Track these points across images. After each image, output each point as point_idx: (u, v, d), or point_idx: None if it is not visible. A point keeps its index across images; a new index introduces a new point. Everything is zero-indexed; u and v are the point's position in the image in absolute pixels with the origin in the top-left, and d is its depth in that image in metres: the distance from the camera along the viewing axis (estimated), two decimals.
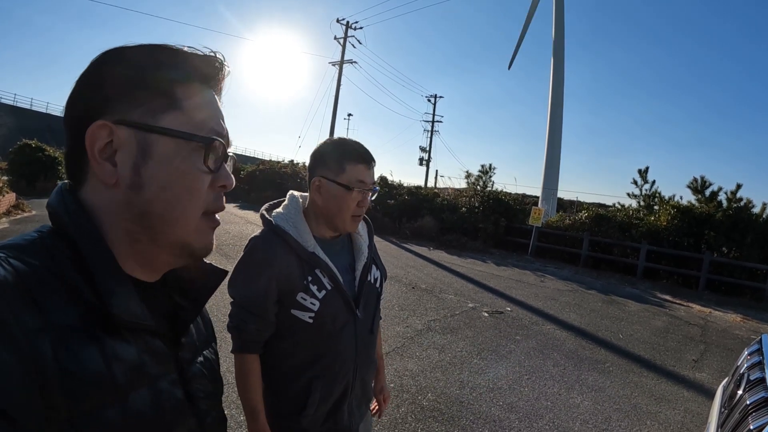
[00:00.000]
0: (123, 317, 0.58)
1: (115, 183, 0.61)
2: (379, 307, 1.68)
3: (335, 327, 1.47)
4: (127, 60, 0.62)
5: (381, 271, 1.70)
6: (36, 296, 0.51)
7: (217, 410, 0.78)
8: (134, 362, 0.59)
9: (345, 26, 31.91)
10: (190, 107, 0.65)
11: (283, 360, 1.48)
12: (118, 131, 0.61)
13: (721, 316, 9.06)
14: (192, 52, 0.67)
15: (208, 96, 0.68)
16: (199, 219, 0.66)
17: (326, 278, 1.45)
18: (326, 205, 1.46)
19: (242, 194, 23.79)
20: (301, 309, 1.43)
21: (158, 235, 0.64)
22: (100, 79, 0.62)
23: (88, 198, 0.63)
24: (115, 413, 0.54)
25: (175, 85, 0.64)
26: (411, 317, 6.38)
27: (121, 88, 0.62)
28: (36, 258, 0.55)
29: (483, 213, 16.37)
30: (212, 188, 0.67)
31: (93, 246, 0.59)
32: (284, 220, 1.47)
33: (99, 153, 0.60)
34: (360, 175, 1.44)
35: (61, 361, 0.50)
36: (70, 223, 0.60)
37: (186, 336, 0.73)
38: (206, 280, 0.76)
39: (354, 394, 1.56)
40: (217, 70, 0.70)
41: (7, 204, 11.88)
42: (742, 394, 2.15)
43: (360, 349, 1.54)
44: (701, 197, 14.04)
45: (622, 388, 4.74)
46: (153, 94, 0.62)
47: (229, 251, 9.24)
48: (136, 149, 0.61)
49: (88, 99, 0.62)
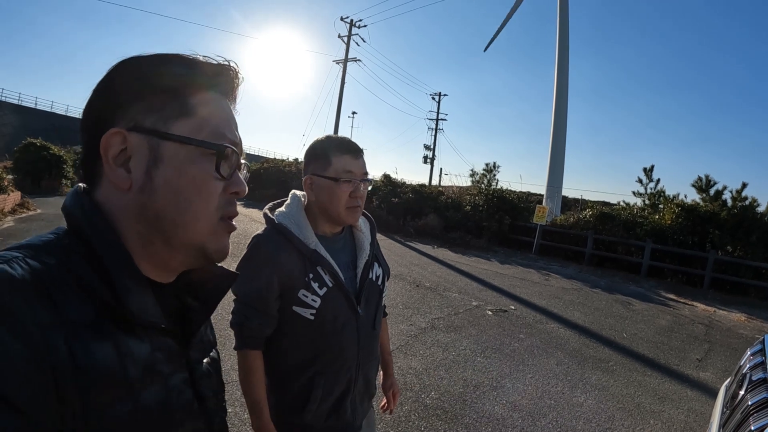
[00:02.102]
0: (141, 316, 0.60)
1: (129, 188, 0.63)
2: (381, 304, 1.69)
3: (337, 324, 1.49)
4: (140, 69, 0.64)
5: (383, 268, 1.71)
6: (52, 293, 0.53)
7: (223, 410, 0.80)
8: (147, 360, 0.60)
9: (349, 24, 31.90)
10: (203, 115, 0.66)
11: (285, 357, 1.50)
12: (132, 138, 0.62)
13: (725, 315, 9.04)
14: (206, 60, 0.68)
15: (221, 104, 0.70)
16: (213, 223, 0.67)
17: (327, 275, 1.47)
18: (319, 200, 1.49)
19: (247, 192, 23.81)
20: (303, 306, 1.45)
21: (171, 237, 0.65)
22: (114, 87, 0.64)
23: (102, 200, 0.64)
24: (127, 409, 0.56)
25: (188, 93, 0.66)
26: (415, 315, 6.40)
27: (134, 96, 0.63)
28: (53, 257, 0.56)
29: (487, 211, 16.35)
30: (225, 194, 0.68)
31: (110, 246, 0.61)
32: (286, 218, 1.49)
33: (113, 160, 0.62)
34: (347, 165, 1.47)
35: (75, 356, 0.51)
36: (86, 224, 0.61)
37: (196, 337, 0.74)
38: (217, 283, 0.77)
39: (357, 390, 1.58)
40: (230, 78, 0.71)
41: (12, 202, 11.96)
42: (744, 394, 2.15)
43: (362, 346, 1.55)
44: (706, 196, 13.98)
45: (625, 387, 4.74)
46: (166, 101, 0.64)
47: (233, 249, 9.06)
48: (148, 155, 0.63)
49: (102, 107, 0.64)
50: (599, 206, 16.05)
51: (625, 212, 14.75)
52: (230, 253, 0.73)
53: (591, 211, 14.97)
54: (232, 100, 0.73)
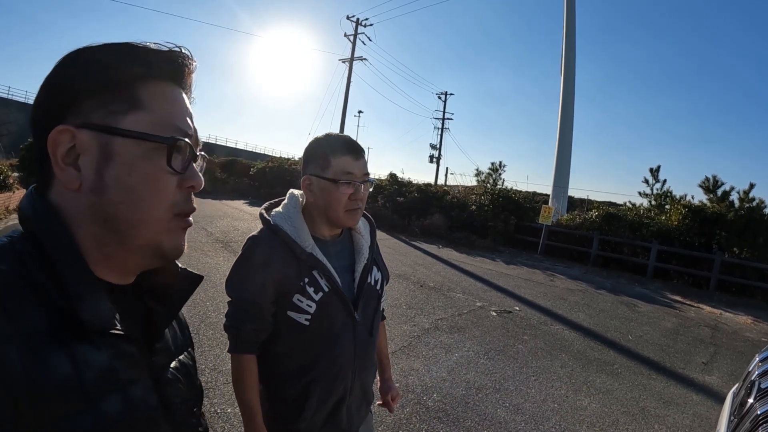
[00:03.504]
0: (93, 322, 0.57)
1: (79, 188, 0.60)
2: (380, 309, 1.65)
3: (333, 330, 1.45)
4: (87, 61, 0.61)
5: (382, 272, 1.67)
6: (4, 302, 0.51)
7: (194, 417, 0.77)
8: (105, 368, 0.58)
9: (355, 23, 31.94)
10: (154, 106, 0.63)
11: (280, 363, 1.47)
12: (80, 135, 0.60)
13: (731, 318, 8.97)
14: (156, 48, 0.65)
15: (173, 94, 0.67)
16: (168, 220, 0.64)
17: (323, 280, 1.42)
18: (318, 202, 1.45)
19: (252, 191, 23.87)
20: (297, 311, 1.41)
21: (125, 238, 0.62)
22: (61, 82, 0.61)
23: (55, 202, 0.62)
24: (86, 420, 0.54)
25: (137, 84, 0.63)
26: (418, 316, 6.36)
27: (82, 91, 0.60)
28: (5, 263, 0.54)
29: (493, 211, 16.30)
30: (180, 189, 0.65)
31: (62, 249, 0.58)
32: (283, 220, 1.45)
33: (62, 158, 0.59)
34: (347, 167, 1.42)
35: (29, 369, 0.49)
36: (37, 227, 0.59)
37: (160, 341, 0.72)
38: (181, 286, 0.75)
39: (353, 397, 1.54)
40: (182, 65, 0.68)
41: (17, 200, 11.98)
42: (753, 402, 2.10)
43: (359, 353, 1.51)
44: (713, 197, 13.91)
45: (630, 391, 4.69)
46: (114, 94, 0.61)
47: (237, 247, 9.19)
48: (98, 153, 0.60)
49: (49, 103, 0.61)
50: (605, 207, 16.01)
51: (632, 213, 14.69)
52: (234, 252, 0.69)
53: (597, 212, 14.91)
54: (186, 88, 0.70)
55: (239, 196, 23.29)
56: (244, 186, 24.87)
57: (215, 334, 4.70)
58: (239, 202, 19.90)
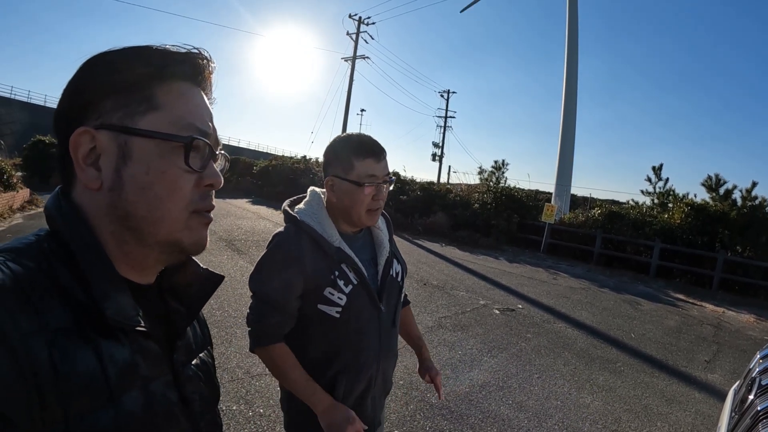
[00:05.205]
0: (117, 319, 0.59)
1: (99, 187, 0.62)
2: (401, 301, 1.68)
3: (360, 321, 1.48)
4: (107, 64, 0.63)
5: (402, 265, 1.70)
6: (33, 299, 0.52)
7: (211, 413, 0.78)
8: (127, 364, 0.59)
9: (357, 22, 31.90)
10: (171, 107, 0.65)
11: (307, 355, 1.49)
12: (100, 136, 0.62)
13: (734, 317, 8.97)
14: (174, 50, 0.67)
15: (191, 94, 0.68)
16: (186, 218, 0.66)
17: (352, 273, 1.46)
18: (341, 203, 1.48)
19: (255, 189, 23.90)
20: (329, 304, 1.44)
21: (144, 236, 0.64)
22: (82, 85, 0.63)
23: (79, 202, 0.64)
24: (109, 414, 0.55)
25: (155, 86, 0.64)
26: (422, 314, 6.38)
27: (101, 93, 0.63)
28: (33, 261, 0.56)
29: (496, 209, 16.31)
30: (198, 187, 0.67)
31: (87, 248, 0.60)
32: (308, 216, 1.48)
33: (83, 159, 0.61)
34: (370, 169, 1.44)
35: (55, 363, 0.51)
36: (63, 226, 0.61)
37: (181, 339, 0.73)
38: (202, 285, 0.77)
39: (377, 386, 1.58)
40: (202, 67, 0.69)
41: (21, 200, 12.05)
42: (754, 399, 2.12)
43: (383, 342, 1.55)
44: (715, 195, 13.87)
45: (633, 389, 4.71)
46: (132, 96, 0.63)
47: (240, 246, 9.30)
48: (117, 153, 0.62)
49: (72, 106, 0.64)
50: (608, 205, 15.98)
51: (634, 211, 14.68)
52: (238, 250, 0.71)
53: (600, 210, 14.90)
54: (205, 89, 0.72)
55: (242, 194, 23.32)
56: (246, 184, 24.93)
57: (220, 332, 4.71)
58: (242, 201, 19.90)
